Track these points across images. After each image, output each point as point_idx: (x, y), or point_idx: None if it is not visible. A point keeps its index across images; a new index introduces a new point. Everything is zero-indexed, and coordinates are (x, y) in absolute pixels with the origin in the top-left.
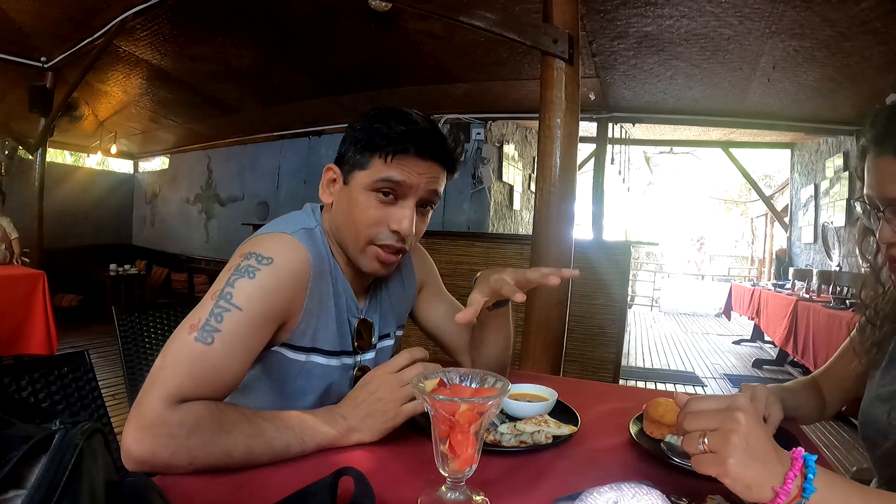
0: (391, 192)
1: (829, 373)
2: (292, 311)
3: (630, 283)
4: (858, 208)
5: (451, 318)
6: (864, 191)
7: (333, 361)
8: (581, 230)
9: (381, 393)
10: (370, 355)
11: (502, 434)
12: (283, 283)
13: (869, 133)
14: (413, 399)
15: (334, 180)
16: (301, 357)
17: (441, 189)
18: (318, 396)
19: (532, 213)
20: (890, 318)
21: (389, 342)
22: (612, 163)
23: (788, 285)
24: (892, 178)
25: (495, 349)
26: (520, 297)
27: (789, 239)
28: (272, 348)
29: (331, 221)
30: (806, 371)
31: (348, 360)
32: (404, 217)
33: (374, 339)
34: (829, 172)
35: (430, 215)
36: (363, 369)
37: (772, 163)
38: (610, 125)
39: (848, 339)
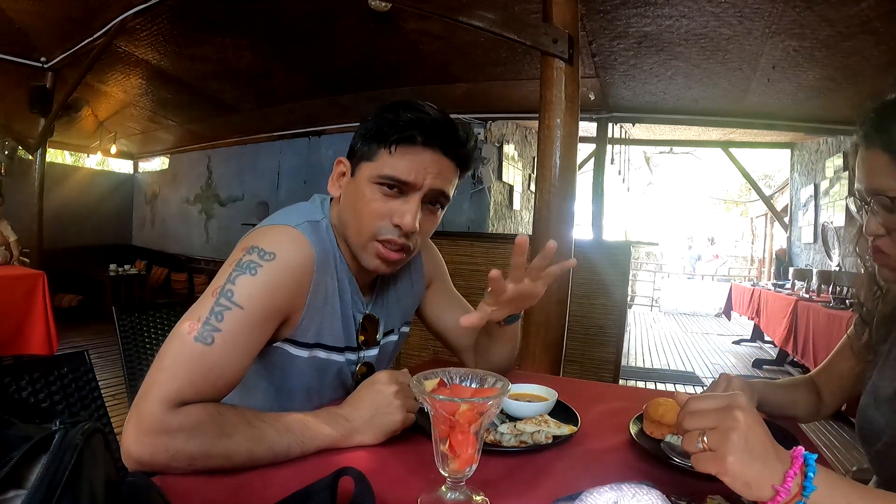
0: (395, 186)
1: (827, 371)
2: (295, 308)
3: (630, 283)
4: (852, 206)
5: (457, 318)
6: (856, 185)
7: (337, 357)
8: (581, 230)
9: (385, 395)
10: (374, 351)
11: (502, 434)
12: (286, 280)
13: (860, 130)
14: (417, 404)
15: (344, 173)
16: (304, 353)
17: (450, 189)
18: (320, 392)
19: (532, 213)
20: (886, 319)
21: (394, 338)
22: (612, 163)
23: (788, 285)
24: (878, 169)
25: (500, 358)
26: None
27: (789, 239)
28: (274, 344)
29: (338, 214)
30: (806, 371)
31: (352, 356)
32: (407, 212)
33: (378, 336)
34: (829, 172)
35: (440, 214)
36: (367, 365)
37: (772, 163)
38: (610, 125)
39: (845, 336)
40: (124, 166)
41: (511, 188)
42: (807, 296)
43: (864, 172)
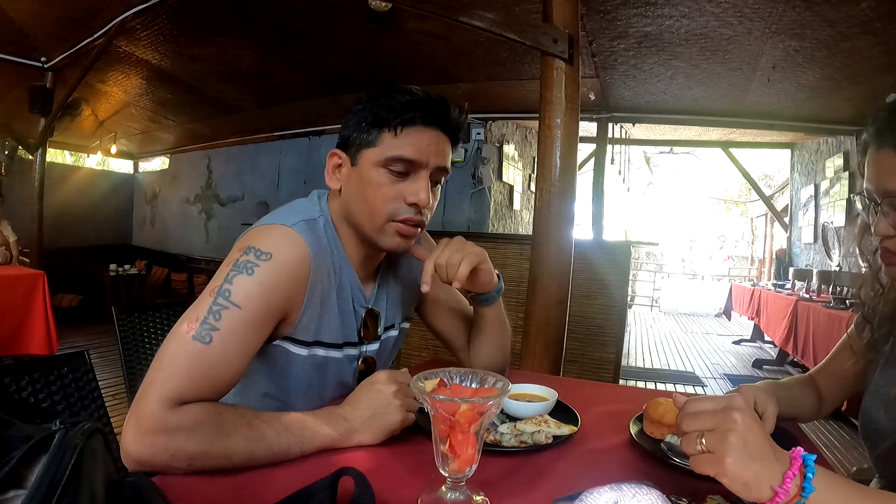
0: (403, 167)
1: (826, 370)
2: (292, 307)
3: (630, 283)
4: (858, 204)
5: (455, 316)
6: (864, 185)
7: (336, 353)
8: (581, 230)
9: (384, 395)
10: (374, 346)
11: (502, 434)
12: (283, 280)
13: (871, 128)
14: (416, 403)
15: (340, 165)
16: (303, 351)
17: (448, 163)
18: (320, 389)
19: (532, 213)
20: (888, 318)
21: (394, 333)
22: (612, 163)
23: (788, 285)
24: (890, 170)
25: (488, 348)
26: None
27: (789, 239)
28: (274, 342)
29: (341, 206)
30: (805, 371)
31: (352, 352)
32: (420, 189)
33: (379, 330)
34: (829, 172)
35: (439, 190)
36: (367, 361)
37: (772, 163)
38: (610, 125)
39: (845, 335)
40: (124, 166)
41: (511, 188)
42: (807, 296)
43: (874, 173)
